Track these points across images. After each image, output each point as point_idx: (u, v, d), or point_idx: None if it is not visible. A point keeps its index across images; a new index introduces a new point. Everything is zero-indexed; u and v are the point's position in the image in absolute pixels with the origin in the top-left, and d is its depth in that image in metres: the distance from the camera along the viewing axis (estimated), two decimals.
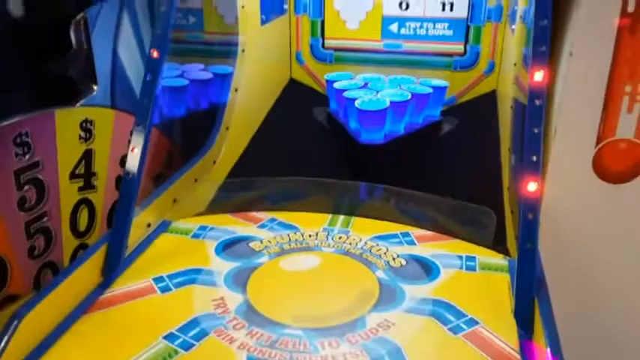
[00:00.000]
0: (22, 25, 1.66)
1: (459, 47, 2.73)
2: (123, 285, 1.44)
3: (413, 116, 2.51)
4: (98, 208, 1.96)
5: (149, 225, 1.67)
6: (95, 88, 1.89)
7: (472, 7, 2.64)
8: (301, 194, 1.98)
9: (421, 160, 2.39)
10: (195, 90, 2.51)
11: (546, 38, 1.46)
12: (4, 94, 1.61)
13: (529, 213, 1.34)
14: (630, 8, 1.68)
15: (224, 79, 2.45)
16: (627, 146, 1.83)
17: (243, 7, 2.23)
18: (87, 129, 1.87)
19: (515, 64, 2.07)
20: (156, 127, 2.19)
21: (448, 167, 2.34)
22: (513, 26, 2.27)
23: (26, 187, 1.67)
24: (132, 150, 1.53)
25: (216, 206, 1.90)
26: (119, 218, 1.49)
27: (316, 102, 2.82)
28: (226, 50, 2.50)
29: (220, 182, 2.10)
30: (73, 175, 1.85)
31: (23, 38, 1.67)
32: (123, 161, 2.07)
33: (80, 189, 1.89)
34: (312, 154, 2.47)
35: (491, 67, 2.72)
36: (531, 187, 1.34)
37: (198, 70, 2.60)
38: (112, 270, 1.46)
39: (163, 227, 1.72)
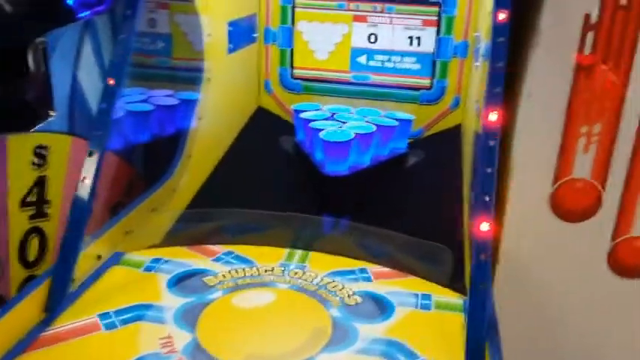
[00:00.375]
0: None
1: (425, 81, 2.76)
2: (66, 321, 1.39)
3: (379, 148, 2.51)
4: (50, 237, 1.91)
5: (99, 257, 1.63)
6: (52, 113, 1.85)
7: (439, 43, 2.68)
8: (260, 227, 1.95)
9: (385, 193, 2.39)
10: (160, 115, 2.48)
11: (501, 80, 1.47)
12: None
13: (481, 254, 1.34)
14: (587, 50, 1.72)
15: (190, 105, 2.43)
16: (584, 185, 1.85)
17: (209, 34, 2.22)
18: (41, 155, 1.83)
19: (477, 101, 2.09)
20: (116, 153, 2.16)
21: (412, 201, 2.34)
22: (477, 63, 2.30)
23: None
24: (82, 180, 1.49)
25: (172, 238, 1.87)
26: (65, 250, 1.45)
27: (284, 131, 2.81)
28: (194, 77, 2.49)
29: (179, 212, 2.06)
30: (23, 203, 1.79)
31: None
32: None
33: (31, 217, 1.83)
34: (276, 184, 2.45)
35: (457, 102, 2.76)
36: (484, 227, 1.34)
37: (164, 96, 2.58)
38: (55, 305, 1.41)
39: (115, 259, 1.67)
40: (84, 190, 1.47)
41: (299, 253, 1.76)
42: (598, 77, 1.74)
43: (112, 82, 1.56)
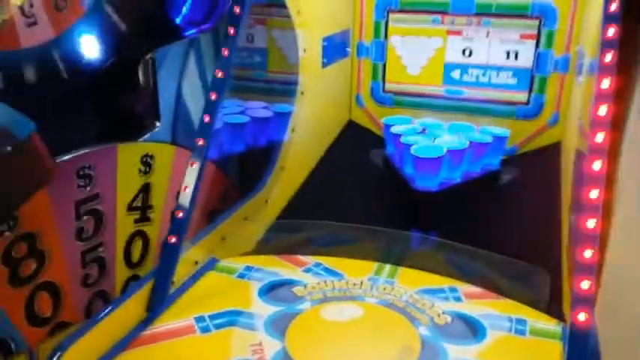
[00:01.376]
0: (95, 65, 1.75)
1: (522, 96, 2.67)
2: (165, 322, 1.46)
3: (471, 164, 2.46)
4: (152, 240, 2.02)
5: (196, 262, 1.70)
6: (157, 124, 1.96)
7: (538, 57, 2.59)
8: (350, 239, 1.97)
9: (476, 210, 2.32)
10: (255, 127, 2.56)
11: (608, 98, 1.40)
12: (73, 129, 1.70)
13: (583, 281, 1.27)
14: None
15: (284, 117, 2.49)
16: None
17: (304, 50, 2.28)
18: (147, 163, 1.94)
19: (580, 118, 2.00)
20: (212, 162, 2.26)
21: (505, 219, 2.26)
22: (580, 78, 2.20)
23: (85, 218, 1.74)
24: (184, 189, 1.57)
25: (263, 246, 1.92)
26: (167, 255, 1.53)
27: (374, 144, 2.82)
28: (288, 89, 2.55)
29: (270, 222, 2.12)
30: (130, 207, 1.91)
31: (95, 77, 1.76)
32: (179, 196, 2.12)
33: (136, 221, 1.95)
34: (365, 197, 2.46)
35: (556, 119, 2.64)
36: (587, 253, 1.27)
37: (259, 108, 2.67)
38: (156, 306, 1.49)
39: (210, 265, 1.74)
40: (185, 198, 1.55)
41: (388, 267, 1.76)
42: None
43: (214, 96, 1.64)
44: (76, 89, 1.73)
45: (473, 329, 1.47)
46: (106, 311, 1.35)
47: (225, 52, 1.66)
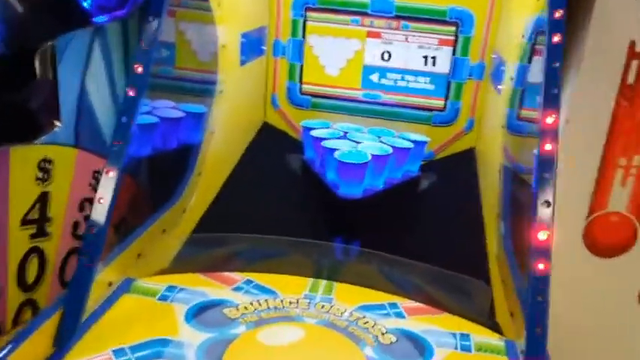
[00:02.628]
0: None
1: (439, 102, 2.67)
2: (77, 358, 1.25)
3: (392, 171, 2.42)
4: (50, 258, 1.76)
5: (110, 284, 1.48)
6: (58, 124, 1.71)
7: (454, 63, 2.61)
8: (278, 253, 1.83)
9: (401, 218, 2.29)
10: (164, 129, 2.34)
11: (557, 80, 1.37)
12: None
13: (539, 295, 1.24)
14: (630, 79, 1.66)
15: (197, 118, 2.30)
16: (619, 219, 1.78)
17: (224, 46, 2.10)
18: (45, 169, 1.68)
19: (503, 126, 2.01)
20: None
21: (428, 227, 2.24)
22: (500, 86, 2.22)
23: None
24: (99, 200, 1.35)
25: (184, 263, 1.73)
26: (79, 279, 1.31)
27: (290, 148, 2.70)
28: (199, 88, 2.37)
29: (188, 234, 1.93)
30: (25, 221, 1.64)
31: None
32: (82, 206, 1.88)
33: (32, 236, 1.68)
34: (286, 205, 2.33)
35: (471, 125, 2.68)
36: (541, 265, 1.24)
37: (168, 108, 2.45)
38: (66, 339, 1.27)
39: (126, 286, 1.53)
40: (100, 212, 1.33)
41: (323, 283, 1.64)
42: None
43: (132, 92, 1.44)
44: None
45: (419, 347, 1.40)
46: (5, 352, 1.12)
47: (145, 44, 1.46)
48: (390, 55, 2.65)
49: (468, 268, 1.91)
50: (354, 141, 2.43)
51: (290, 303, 1.53)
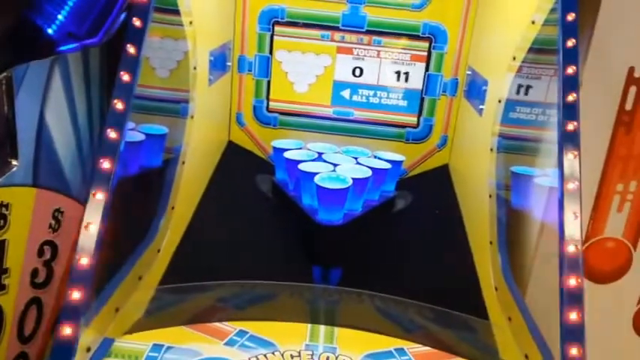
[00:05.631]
0: None
1: (412, 119, 2.60)
2: None
3: (370, 192, 2.31)
4: (8, 313, 1.54)
5: (89, 349, 1.30)
6: (15, 163, 1.50)
7: (428, 79, 2.54)
8: (266, 297, 1.69)
9: (384, 244, 2.18)
10: (124, 153, 2.14)
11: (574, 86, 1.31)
12: None
13: (572, 346, 1.16)
14: (628, 106, 1.63)
15: (157, 140, 2.12)
16: (615, 245, 1.75)
17: (195, 68, 1.94)
18: (2, 215, 1.47)
19: (491, 150, 1.95)
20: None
21: (413, 255, 2.15)
22: (481, 106, 2.17)
23: None
24: (86, 227, 1.18)
25: (166, 315, 1.56)
26: (63, 343, 1.12)
27: (258, 168, 2.56)
28: (158, 107, 2.18)
29: (161, 276, 1.75)
30: None
31: None
32: (41, 250, 1.67)
33: None
34: (261, 233, 2.18)
35: (444, 141, 2.62)
36: (573, 316, 1.17)
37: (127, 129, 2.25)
38: None
39: (104, 349, 1.35)
40: (88, 241, 1.16)
41: (323, 330, 1.52)
42: (638, 133, 1.65)
43: (120, 105, 1.27)
44: None
45: None
46: None
47: (126, 77, 1.29)
48: (361, 71, 2.55)
49: (461, 301, 1.82)
50: (330, 163, 2.31)
51: (292, 357, 1.40)
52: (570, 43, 1.33)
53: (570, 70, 1.32)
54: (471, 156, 2.29)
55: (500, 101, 1.91)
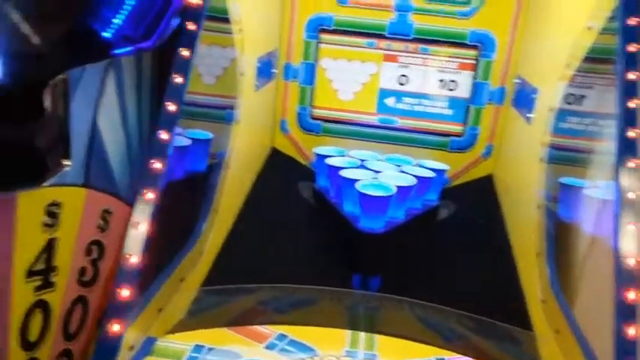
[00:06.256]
0: None
1: (457, 128, 2.57)
2: None
3: (412, 201, 2.29)
4: (55, 311, 1.58)
5: (132, 347, 1.32)
6: (67, 163, 1.53)
7: (474, 88, 2.50)
8: (306, 301, 1.68)
9: (425, 253, 2.15)
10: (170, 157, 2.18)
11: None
12: None
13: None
14: None
15: (202, 145, 2.14)
16: None
17: (242, 74, 1.96)
18: (53, 214, 1.51)
19: (541, 160, 1.90)
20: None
21: (455, 264, 2.11)
22: (530, 115, 2.11)
23: None
24: (135, 226, 1.21)
25: (208, 316, 1.57)
26: (108, 342, 1.14)
27: (300, 175, 2.57)
28: (205, 113, 2.21)
29: (203, 278, 1.77)
30: (30, 273, 1.47)
31: None
32: (89, 249, 1.71)
33: (37, 288, 1.50)
34: (303, 241, 2.18)
35: (489, 151, 2.58)
36: (631, 330, 1.12)
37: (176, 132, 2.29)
38: None
39: (147, 348, 1.37)
40: (135, 239, 1.18)
41: (363, 337, 1.50)
42: None
43: (172, 107, 1.30)
44: None
45: None
46: None
47: (179, 79, 1.31)
48: (407, 79, 2.54)
49: (504, 311, 1.78)
50: (372, 170, 2.30)
51: None
52: (632, 48, 1.29)
53: (631, 75, 1.27)
54: (518, 166, 2.24)
55: (551, 110, 1.86)
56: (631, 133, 1.25)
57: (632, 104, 1.27)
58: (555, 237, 1.72)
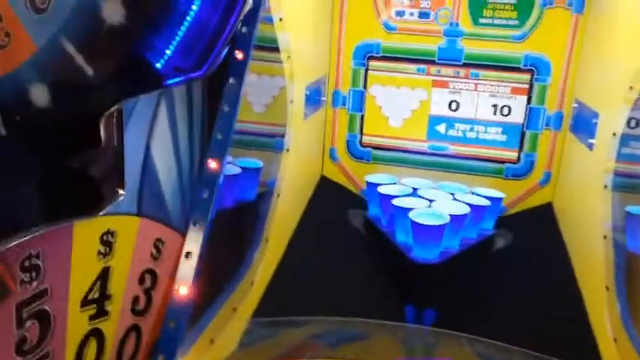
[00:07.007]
0: (46, 117, 1.34)
1: (512, 154, 2.49)
2: None
3: (467, 230, 2.21)
4: (109, 340, 1.57)
5: None
6: (122, 192, 1.55)
7: (529, 112, 2.42)
8: (358, 335, 1.63)
9: (482, 285, 2.07)
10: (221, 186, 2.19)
11: None
12: (14, 204, 1.27)
13: None
14: None
15: (252, 174, 2.14)
16: None
17: (292, 101, 1.96)
18: (107, 242, 1.52)
19: (605, 187, 1.80)
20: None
21: (515, 298, 2.01)
22: (591, 140, 2.02)
23: (28, 323, 1.29)
24: (186, 256, 1.19)
25: (260, 348, 1.54)
26: None
27: (351, 204, 2.53)
28: (255, 142, 2.21)
29: (254, 309, 1.74)
30: (85, 302, 1.47)
31: (44, 133, 1.34)
32: (142, 278, 1.71)
33: (91, 317, 1.51)
34: (354, 270, 2.13)
35: (547, 178, 2.48)
36: None
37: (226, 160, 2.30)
38: None
39: None
40: (187, 270, 1.16)
41: None
42: None
43: (220, 136, 1.29)
44: (19, 149, 1.31)
45: None
46: None
47: (227, 106, 1.31)
48: (458, 105, 2.49)
49: (572, 350, 1.67)
50: (425, 199, 2.24)
51: None
52: None
53: None
54: (579, 194, 2.14)
55: (614, 135, 1.77)
56: None
57: None
58: (624, 269, 1.62)
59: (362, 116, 2.57)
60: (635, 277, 1.54)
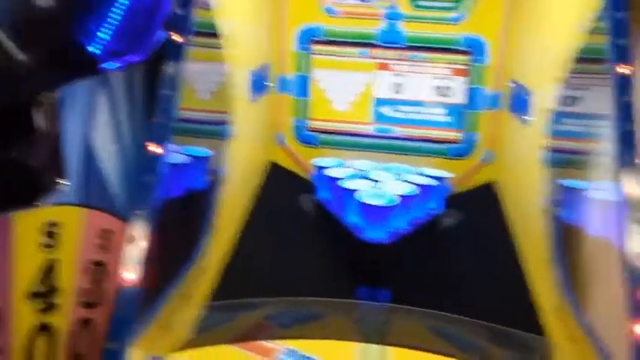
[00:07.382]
0: None
1: (454, 134, 2.55)
2: None
3: (416, 210, 2.26)
4: (60, 334, 1.54)
5: None
6: (63, 182, 1.51)
7: (470, 93, 2.49)
8: (313, 315, 1.64)
9: (431, 262, 2.12)
10: (169, 175, 2.16)
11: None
12: None
13: None
14: None
15: (201, 162, 2.12)
16: None
17: (236, 88, 1.94)
18: (51, 234, 1.48)
19: (541, 164, 1.87)
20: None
21: (463, 273, 2.07)
22: (525, 116, 2.10)
23: None
24: (130, 240, 1.18)
25: (211, 333, 1.53)
26: None
27: (300, 188, 2.53)
28: (201, 130, 2.19)
29: (208, 296, 1.73)
30: (31, 295, 1.44)
31: None
32: (91, 270, 1.67)
33: (40, 311, 1.47)
34: (305, 252, 2.15)
35: (490, 157, 2.55)
36: None
37: (170, 152, 2.26)
38: None
39: None
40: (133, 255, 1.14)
41: (374, 349, 1.46)
42: None
43: (161, 120, 1.28)
44: None
45: None
46: None
47: (167, 91, 1.29)
48: (401, 87, 2.53)
49: (517, 319, 1.74)
50: (373, 180, 2.27)
51: None
52: (622, 41, 1.28)
53: (623, 69, 1.26)
54: (519, 171, 2.22)
55: (547, 112, 1.85)
56: (628, 129, 1.24)
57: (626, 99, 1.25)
58: (563, 241, 1.70)
59: (308, 101, 2.58)
60: (572, 246, 1.62)
